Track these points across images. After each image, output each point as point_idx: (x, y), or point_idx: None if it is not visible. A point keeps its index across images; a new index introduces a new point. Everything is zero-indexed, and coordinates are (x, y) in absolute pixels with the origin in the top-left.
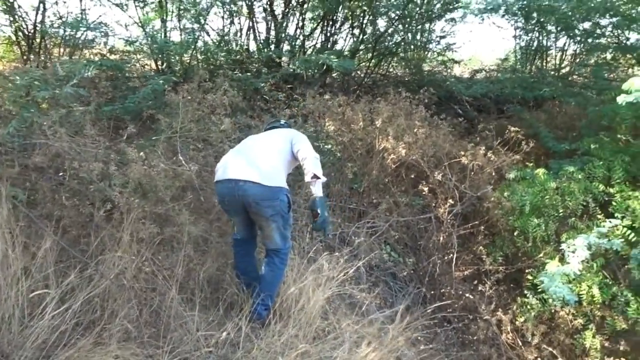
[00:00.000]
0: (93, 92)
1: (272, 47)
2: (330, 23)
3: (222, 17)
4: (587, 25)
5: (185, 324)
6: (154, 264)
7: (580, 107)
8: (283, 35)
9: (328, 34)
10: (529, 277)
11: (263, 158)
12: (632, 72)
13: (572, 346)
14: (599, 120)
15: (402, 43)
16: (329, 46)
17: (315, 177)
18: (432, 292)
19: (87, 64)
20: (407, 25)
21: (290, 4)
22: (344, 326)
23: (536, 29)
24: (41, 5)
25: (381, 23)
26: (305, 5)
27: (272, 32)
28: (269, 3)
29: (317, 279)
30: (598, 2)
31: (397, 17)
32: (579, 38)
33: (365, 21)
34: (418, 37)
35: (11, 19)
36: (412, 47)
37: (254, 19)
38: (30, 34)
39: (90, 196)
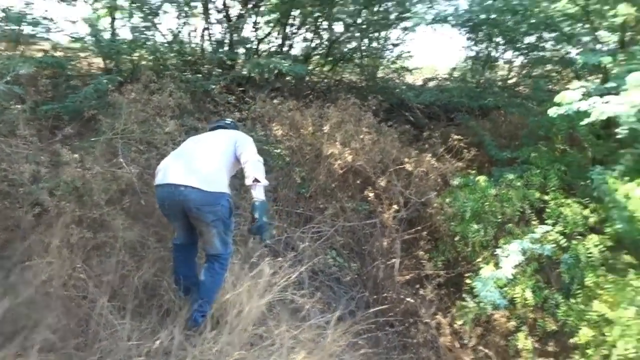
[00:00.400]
0: (31, 90)
1: (226, 48)
2: (286, 27)
3: (177, 17)
4: (532, 39)
5: (115, 332)
6: (85, 271)
7: (522, 117)
8: (237, 37)
9: (283, 38)
10: (468, 281)
11: (204, 162)
12: (569, 86)
13: (506, 347)
14: (538, 131)
15: (357, 49)
16: (284, 50)
17: (256, 180)
18: (375, 296)
19: (25, 60)
20: (362, 32)
21: (246, 6)
22: (282, 331)
23: (485, 40)
24: None
25: (338, 28)
26: (261, 8)
27: (227, 34)
28: (224, 4)
29: (257, 285)
30: (540, 18)
31: (352, 24)
32: (524, 51)
33: (320, 26)
34: (374, 44)
35: None
36: (366, 53)
37: (208, 20)
38: None
39: (20, 199)
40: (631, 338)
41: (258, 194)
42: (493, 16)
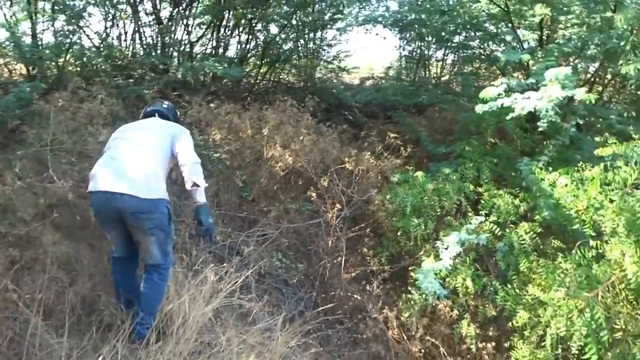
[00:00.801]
0: None
1: (159, 52)
2: (220, 29)
3: (104, 20)
4: (460, 38)
5: (53, 352)
6: (15, 291)
7: (455, 113)
8: (169, 40)
9: (217, 40)
10: (412, 274)
11: (139, 165)
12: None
13: (451, 335)
14: (470, 126)
15: (294, 50)
16: (219, 52)
17: (196, 185)
18: (324, 295)
19: None
20: (297, 33)
21: (178, 8)
22: (230, 337)
23: (416, 40)
24: None
25: (273, 30)
26: (193, 10)
27: (158, 37)
28: (153, 6)
29: (202, 292)
30: (465, 18)
31: (286, 25)
32: (454, 49)
33: (255, 28)
34: (310, 45)
35: None
36: (303, 54)
37: (139, 22)
38: None
39: None
40: (562, 317)
41: (200, 197)
42: (422, 16)
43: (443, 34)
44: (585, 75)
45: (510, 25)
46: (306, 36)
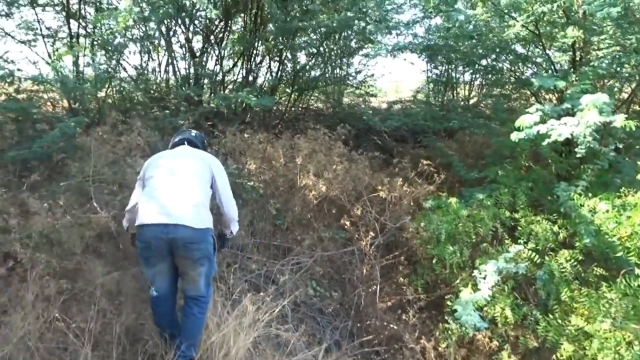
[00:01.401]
0: None
1: (192, 83)
2: (250, 58)
3: (140, 53)
4: (488, 60)
5: None
6: (64, 322)
7: (486, 137)
8: (202, 71)
9: (248, 69)
10: (449, 303)
11: (188, 196)
12: (528, 104)
13: None
14: (503, 150)
15: (322, 77)
16: (249, 81)
17: (231, 232)
18: (359, 324)
19: None
20: (325, 60)
21: (209, 40)
22: None
23: (444, 63)
24: None
25: (301, 58)
26: (224, 42)
27: (191, 68)
28: (186, 39)
29: (242, 323)
30: (494, 42)
31: (315, 53)
32: (482, 72)
33: (284, 56)
34: (337, 71)
35: None
36: (330, 81)
37: (172, 54)
38: None
39: None
40: (610, 350)
41: (231, 235)
42: (450, 42)
43: (471, 57)
44: (620, 95)
45: (541, 47)
46: (334, 63)
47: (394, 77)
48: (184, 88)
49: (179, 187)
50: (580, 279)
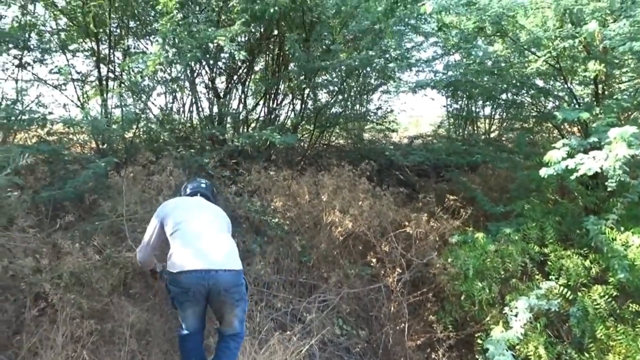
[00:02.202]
0: (30, 179)
1: (216, 122)
2: (272, 97)
3: (165, 94)
4: (508, 95)
5: None
6: None
7: (510, 171)
8: (226, 110)
9: (270, 108)
10: (479, 341)
11: (222, 241)
12: (551, 137)
13: None
14: (528, 184)
15: (342, 114)
16: (271, 119)
17: None
18: None
19: (22, 150)
20: (346, 97)
21: (232, 81)
22: None
23: (464, 98)
24: None
25: (322, 94)
26: (247, 82)
27: (215, 108)
28: (210, 79)
29: None
30: (515, 77)
31: (336, 91)
32: (503, 106)
33: (306, 95)
34: (357, 107)
35: None
36: (351, 117)
37: (196, 94)
38: None
39: (21, 294)
40: None
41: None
42: (470, 78)
43: (492, 92)
44: None
45: (562, 80)
46: (354, 100)
47: (414, 112)
48: (208, 127)
49: (212, 234)
50: (615, 316)
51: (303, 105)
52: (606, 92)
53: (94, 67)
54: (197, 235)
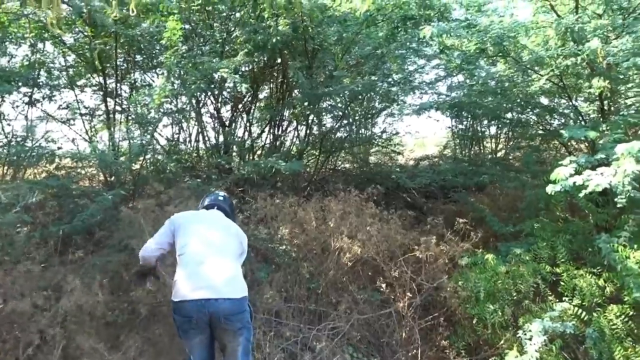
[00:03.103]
0: (38, 214)
1: (222, 151)
2: (277, 124)
3: (171, 125)
4: (514, 114)
5: None
6: None
7: (518, 190)
8: (231, 139)
9: (275, 135)
10: None
11: (224, 267)
12: (558, 155)
13: None
14: (537, 203)
15: (347, 138)
16: (277, 145)
17: None
18: None
19: (32, 187)
20: (350, 122)
21: (237, 109)
22: None
23: (469, 118)
24: None
25: (327, 120)
26: (252, 111)
27: (221, 137)
28: (215, 109)
29: None
30: (519, 97)
31: (340, 116)
32: (508, 125)
33: (310, 121)
34: (362, 131)
35: None
36: (356, 141)
37: (202, 124)
38: None
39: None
40: None
41: None
42: (474, 99)
43: (497, 111)
44: None
45: (567, 98)
46: (359, 124)
47: (419, 134)
48: (214, 156)
49: (214, 259)
50: (633, 336)
51: (308, 131)
52: (612, 108)
53: (101, 101)
54: (200, 260)
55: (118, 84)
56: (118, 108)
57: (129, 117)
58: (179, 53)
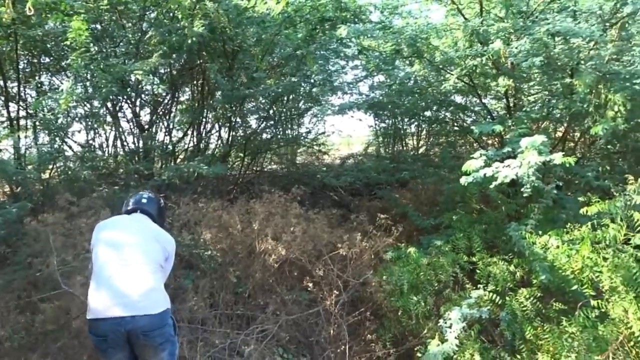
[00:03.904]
0: None
1: (141, 156)
2: (199, 127)
3: (85, 130)
4: (431, 112)
5: None
6: None
7: (438, 185)
8: (151, 143)
9: (198, 138)
10: (419, 354)
11: (143, 278)
12: (472, 150)
13: None
14: (455, 197)
15: (273, 139)
16: (200, 149)
17: None
18: None
19: None
20: (275, 122)
21: (157, 113)
22: None
23: (390, 117)
24: None
25: (252, 121)
26: (172, 114)
27: (140, 142)
28: (133, 113)
29: None
30: (435, 95)
31: (265, 117)
32: (427, 123)
33: (234, 122)
34: (288, 132)
35: None
36: (283, 142)
37: (119, 129)
38: None
39: None
40: None
41: None
42: (394, 99)
43: (415, 110)
44: (555, 134)
45: (477, 96)
46: (284, 125)
47: (345, 132)
48: (133, 162)
49: (130, 271)
50: (541, 316)
51: (232, 133)
52: (517, 105)
53: (2, 105)
54: (112, 273)
55: (21, 87)
56: (23, 113)
57: (36, 124)
58: (88, 55)
